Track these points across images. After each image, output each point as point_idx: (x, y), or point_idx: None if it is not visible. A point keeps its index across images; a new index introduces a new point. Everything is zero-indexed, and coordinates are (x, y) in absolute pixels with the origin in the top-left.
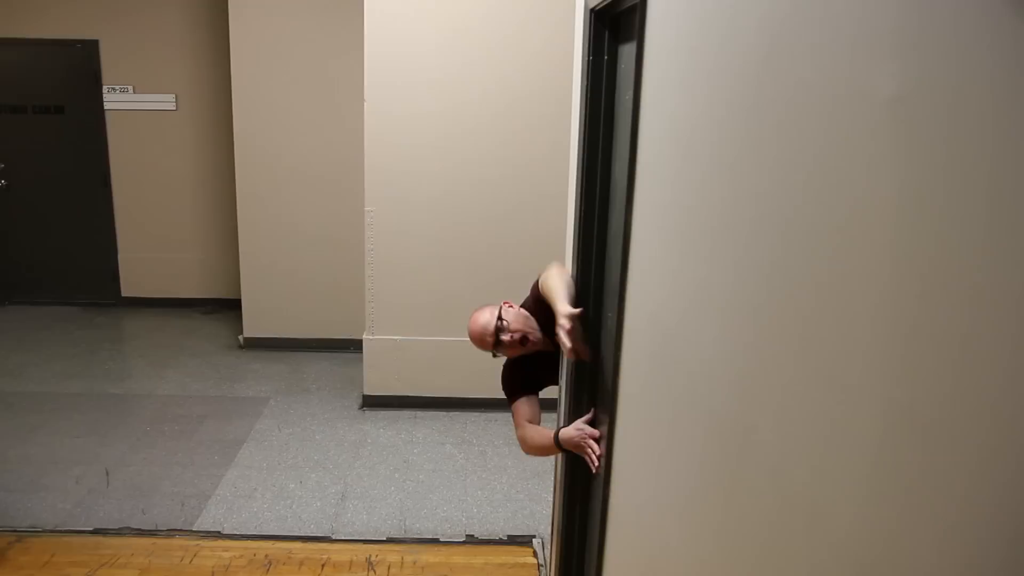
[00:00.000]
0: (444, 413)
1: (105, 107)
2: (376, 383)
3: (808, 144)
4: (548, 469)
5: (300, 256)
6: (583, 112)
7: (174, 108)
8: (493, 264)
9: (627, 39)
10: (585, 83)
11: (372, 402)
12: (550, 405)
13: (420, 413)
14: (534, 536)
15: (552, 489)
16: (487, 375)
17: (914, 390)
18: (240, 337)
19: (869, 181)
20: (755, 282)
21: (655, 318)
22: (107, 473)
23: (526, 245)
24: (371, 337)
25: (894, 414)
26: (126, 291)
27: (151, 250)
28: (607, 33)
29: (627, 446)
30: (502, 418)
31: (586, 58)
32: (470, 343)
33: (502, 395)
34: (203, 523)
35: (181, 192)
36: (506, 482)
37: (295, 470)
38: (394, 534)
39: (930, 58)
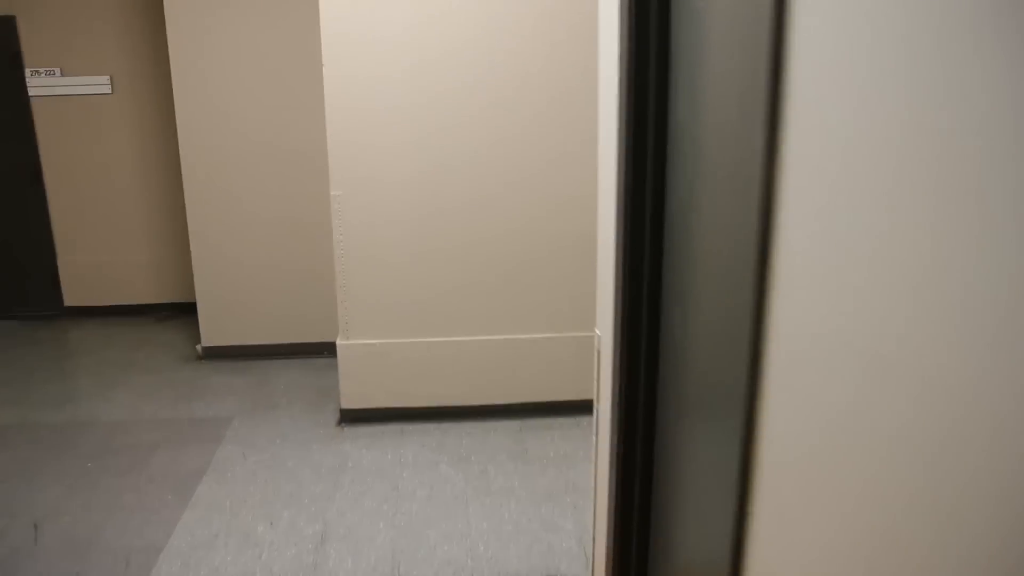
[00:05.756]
0: (435, 425)
1: (29, 93)
2: (355, 395)
3: None
4: (563, 489)
5: (261, 252)
6: (626, 23)
7: (109, 91)
8: (480, 253)
9: None
10: None
11: (351, 417)
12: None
13: (407, 427)
14: None
15: (591, 516)
16: (482, 380)
17: None
18: (198, 347)
19: None
20: None
21: (849, 336)
22: (35, 527)
23: (515, 232)
24: (346, 342)
25: None
26: (69, 300)
27: (94, 253)
28: None
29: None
30: (502, 427)
31: None
32: (459, 343)
33: (500, 401)
34: None
35: (123, 186)
36: (515, 508)
37: (264, 507)
38: None
39: None
